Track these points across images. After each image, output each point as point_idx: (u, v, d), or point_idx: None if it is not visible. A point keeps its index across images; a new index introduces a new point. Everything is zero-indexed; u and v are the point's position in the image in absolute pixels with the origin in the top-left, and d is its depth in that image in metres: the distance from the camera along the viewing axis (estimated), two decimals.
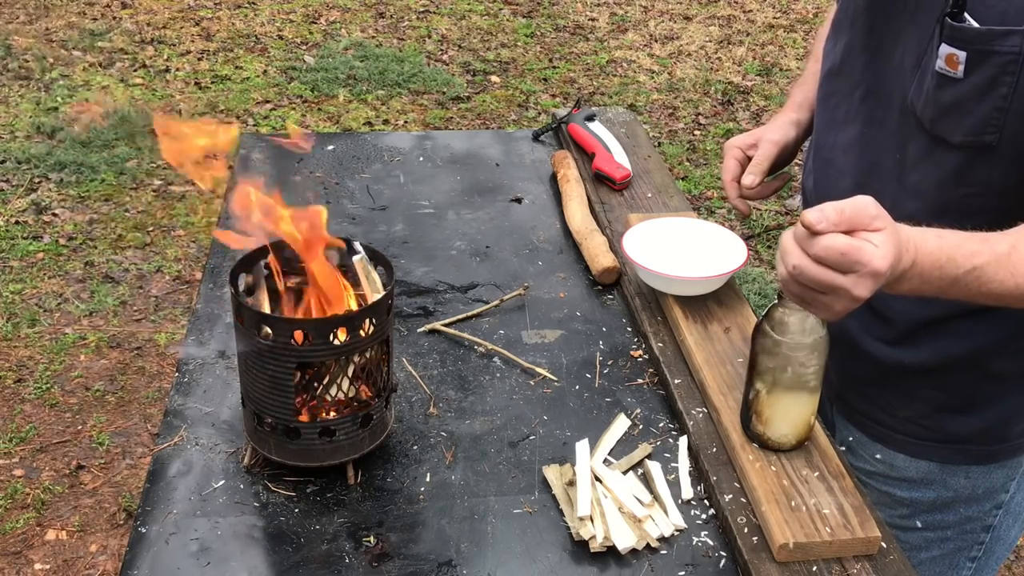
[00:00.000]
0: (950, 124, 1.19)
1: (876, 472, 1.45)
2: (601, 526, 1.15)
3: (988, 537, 1.47)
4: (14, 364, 3.13)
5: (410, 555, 1.14)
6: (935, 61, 1.18)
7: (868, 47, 1.32)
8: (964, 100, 1.17)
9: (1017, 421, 1.38)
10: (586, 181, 1.87)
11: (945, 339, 1.33)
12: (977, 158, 1.19)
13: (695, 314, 1.47)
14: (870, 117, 1.32)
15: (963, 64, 1.15)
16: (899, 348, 1.37)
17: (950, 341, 1.33)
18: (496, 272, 1.66)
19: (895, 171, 1.28)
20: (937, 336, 1.33)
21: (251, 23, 5.70)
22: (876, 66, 1.30)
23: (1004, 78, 1.13)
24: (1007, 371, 1.34)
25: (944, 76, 1.17)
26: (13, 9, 5.69)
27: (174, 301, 3.46)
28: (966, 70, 1.15)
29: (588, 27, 5.92)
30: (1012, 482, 1.42)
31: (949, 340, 1.33)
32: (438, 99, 4.95)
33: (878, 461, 1.45)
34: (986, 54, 1.13)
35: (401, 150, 2.04)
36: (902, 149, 1.27)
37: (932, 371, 1.35)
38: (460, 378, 1.42)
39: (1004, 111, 1.15)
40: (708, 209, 4.10)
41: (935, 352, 1.34)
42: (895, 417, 1.41)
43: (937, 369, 1.35)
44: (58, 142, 4.34)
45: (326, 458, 1.21)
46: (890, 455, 1.44)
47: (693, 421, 1.32)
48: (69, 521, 2.61)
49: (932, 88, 1.19)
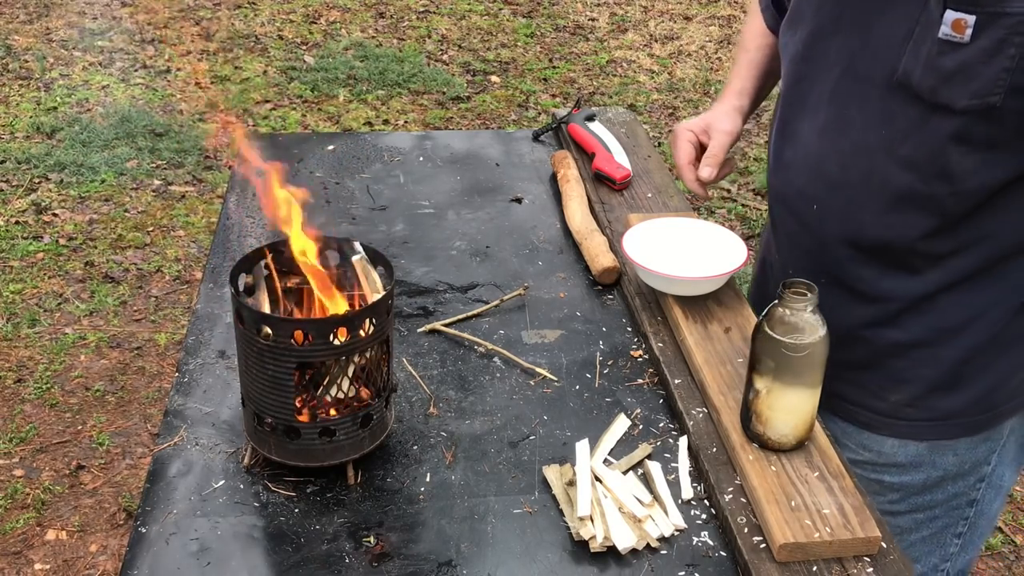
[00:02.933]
0: (953, 90, 1.19)
1: (864, 461, 1.47)
2: (601, 526, 1.15)
3: (972, 512, 1.49)
4: (14, 364, 3.13)
5: (410, 555, 1.14)
6: (937, 28, 1.18)
7: (839, 29, 1.32)
8: (970, 64, 1.17)
9: (1003, 386, 1.40)
10: (586, 181, 1.87)
11: (933, 314, 1.35)
12: (979, 120, 1.20)
13: (695, 314, 1.47)
14: (847, 98, 1.32)
15: (971, 28, 1.15)
16: (891, 328, 1.38)
17: (939, 315, 1.35)
18: (496, 272, 1.66)
19: (883, 146, 1.28)
20: (926, 312, 1.35)
21: (251, 23, 5.70)
22: (851, 46, 1.30)
23: (1014, 38, 1.14)
24: (998, 337, 1.36)
25: (947, 42, 1.17)
26: (13, 9, 5.69)
27: (174, 301, 3.46)
28: (973, 34, 1.15)
29: (588, 27, 5.92)
30: (994, 454, 1.45)
31: (938, 315, 1.35)
32: (438, 99, 4.95)
33: (865, 450, 1.46)
34: (996, 16, 1.14)
35: (401, 150, 2.04)
36: (888, 124, 1.27)
37: (924, 347, 1.37)
38: (460, 378, 1.42)
39: (1011, 71, 1.15)
40: (708, 209, 4.10)
41: (926, 328, 1.36)
42: (887, 402, 1.43)
43: (928, 344, 1.37)
44: (58, 142, 4.34)
45: (326, 458, 1.21)
46: (878, 441, 1.45)
47: (693, 421, 1.32)
48: (69, 521, 2.61)
49: (933, 56, 1.19)
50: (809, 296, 1.16)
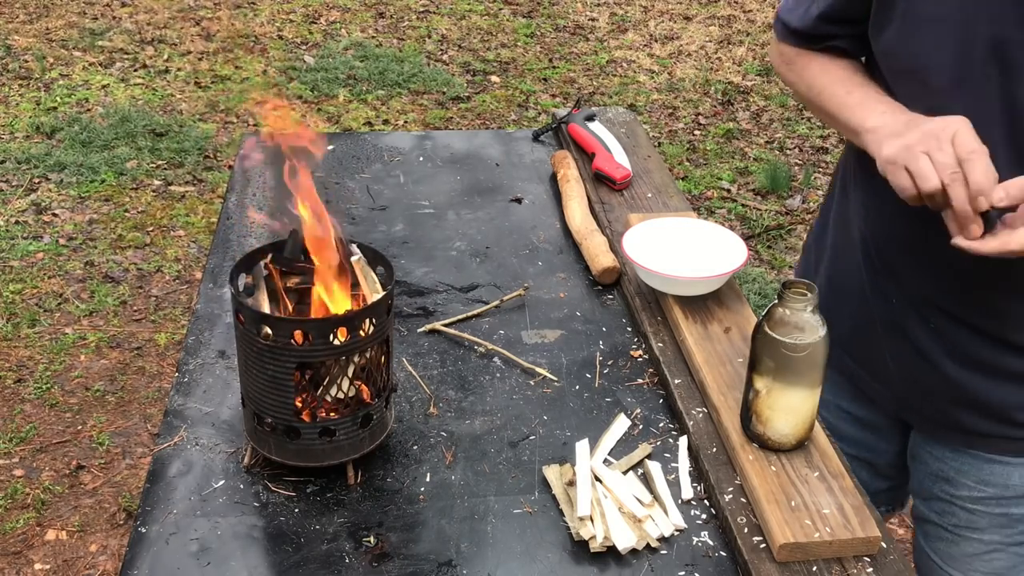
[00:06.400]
0: None
1: (987, 497, 1.41)
2: (601, 526, 1.15)
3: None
4: (14, 364, 3.13)
5: (410, 555, 1.14)
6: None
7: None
8: None
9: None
10: (586, 181, 1.87)
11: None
12: None
13: (695, 314, 1.47)
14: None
15: None
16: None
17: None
18: (496, 272, 1.66)
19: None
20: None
21: (251, 23, 5.70)
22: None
23: None
24: None
25: None
26: (13, 9, 5.69)
27: (174, 301, 3.46)
28: None
29: (588, 27, 5.92)
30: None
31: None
32: (438, 99, 4.95)
33: (988, 485, 1.41)
34: None
35: (401, 150, 2.04)
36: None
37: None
38: (460, 378, 1.42)
39: None
40: (708, 209, 4.10)
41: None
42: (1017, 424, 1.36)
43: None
44: (58, 142, 4.34)
45: (326, 458, 1.21)
46: (1004, 474, 1.39)
47: (693, 421, 1.32)
48: (69, 521, 2.61)
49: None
50: (809, 296, 1.16)
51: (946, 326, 1.35)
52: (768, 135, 4.77)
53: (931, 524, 1.50)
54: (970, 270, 1.27)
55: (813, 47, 1.41)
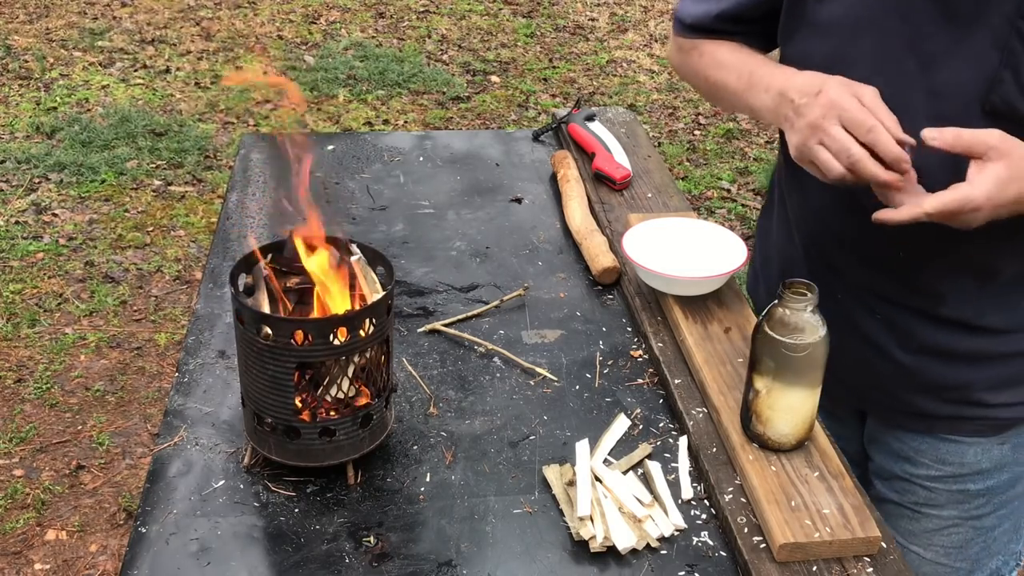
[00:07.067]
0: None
1: (944, 476, 1.44)
2: (601, 526, 1.15)
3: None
4: (14, 364, 3.13)
5: (410, 555, 1.14)
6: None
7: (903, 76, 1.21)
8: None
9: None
10: (586, 181, 1.87)
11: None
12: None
13: (695, 314, 1.47)
14: None
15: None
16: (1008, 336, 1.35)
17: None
18: (496, 272, 1.66)
19: None
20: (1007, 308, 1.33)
21: (251, 23, 5.70)
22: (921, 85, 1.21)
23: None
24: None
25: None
26: (13, 9, 5.69)
27: (174, 301, 3.46)
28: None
29: (588, 27, 5.92)
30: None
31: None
32: (438, 99, 4.95)
33: (944, 464, 1.43)
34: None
35: (401, 150, 2.04)
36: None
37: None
38: (460, 378, 1.42)
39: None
40: (708, 209, 4.10)
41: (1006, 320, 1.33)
42: (983, 405, 1.39)
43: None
44: (58, 142, 4.34)
45: (326, 458, 1.21)
46: (959, 452, 1.42)
47: (693, 421, 1.32)
48: (69, 521, 2.61)
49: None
50: (809, 296, 1.16)
51: (892, 314, 1.38)
52: (768, 135, 4.77)
53: (891, 504, 1.53)
54: (905, 256, 1.31)
55: (710, 38, 1.44)
